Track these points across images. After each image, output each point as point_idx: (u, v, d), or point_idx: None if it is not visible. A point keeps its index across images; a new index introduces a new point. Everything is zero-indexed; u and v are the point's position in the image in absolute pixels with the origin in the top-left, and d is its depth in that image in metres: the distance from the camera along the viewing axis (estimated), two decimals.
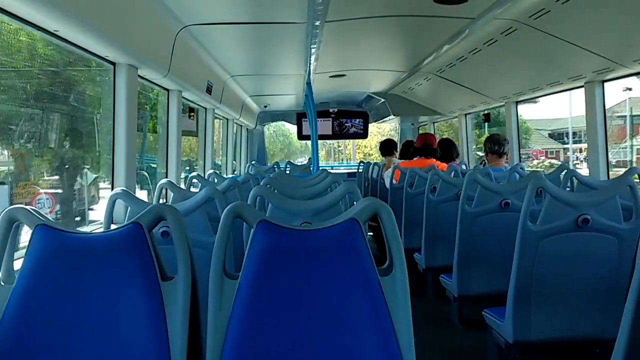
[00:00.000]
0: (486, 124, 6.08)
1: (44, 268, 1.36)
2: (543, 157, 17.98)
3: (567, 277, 2.26)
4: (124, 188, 2.27)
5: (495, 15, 3.04)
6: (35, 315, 1.34)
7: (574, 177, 3.20)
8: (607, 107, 3.59)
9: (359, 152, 21.81)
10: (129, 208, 2.22)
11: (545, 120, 19.47)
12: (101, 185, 3.55)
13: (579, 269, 2.25)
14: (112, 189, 2.68)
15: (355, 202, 2.61)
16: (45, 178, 2.97)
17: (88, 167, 3.43)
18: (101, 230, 2.09)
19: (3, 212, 1.39)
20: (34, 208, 1.40)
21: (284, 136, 24.50)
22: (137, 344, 1.33)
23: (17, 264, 1.43)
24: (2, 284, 1.38)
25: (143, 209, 1.96)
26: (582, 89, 3.68)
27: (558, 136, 19.18)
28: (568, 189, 3.10)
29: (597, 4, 2.65)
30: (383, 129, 16.50)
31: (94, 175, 3.44)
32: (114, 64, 2.66)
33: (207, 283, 1.42)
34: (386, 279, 1.38)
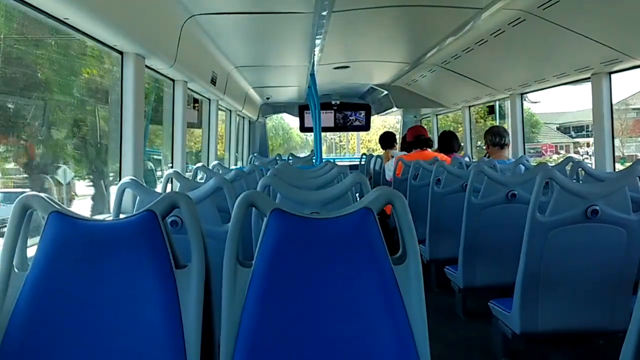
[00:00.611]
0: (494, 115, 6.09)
1: (58, 255, 1.36)
2: (563, 152, 17.46)
3: (575, 268, 2.26)
4: (133, 177, 2.27)
5: (503, 5, 3.02)
6: (49, 302, 1.34)
7: (579, 169, 3.21)
8: (621, 98, 3.58)
9: (363, 147, 21.65)
10: (138, 197, 2.22)
11: (552, 114, 18.99)
12: (81, 183, 3.33)
13: (587, 260, 2.25)
14: (120, 178, 2.69)
15: (359, 193, 2.61)
16: (11, 176, 2.74)
17: (65, 163, 3.17)
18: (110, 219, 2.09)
19: (17, 199, 1.39)
20: (48, 195, 1.40)
21: (284, 130, 24.36)
22: (151, 330, 1.33)
23: (30, 251, 1.43)
24: (16, 271, 1.38)
25: (152, 198, 1.97)
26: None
27: (565, 130, 18.67)
28: (574, 180, 3.10)
29: None
30: (389, 122, 16.38)
31: (72, 173, 3.19)
32: (121, 53, 2.66)
33: (219, 272, 1.42)
34: (399, 268, 1.38)
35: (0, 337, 1.32)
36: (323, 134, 9.18)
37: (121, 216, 2.16)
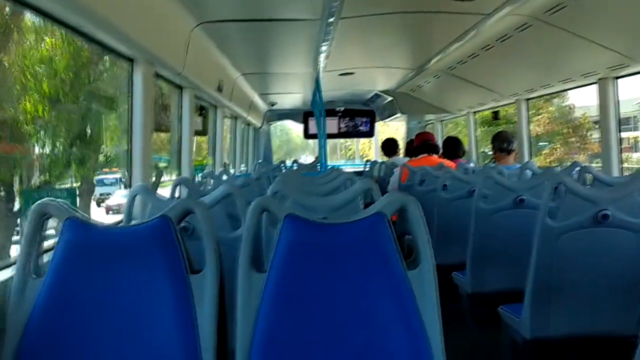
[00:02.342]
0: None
1: (74, 261, 1.37)
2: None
3: (586, 273, 2.26)
4: (143, 184, 2.28)
5: (510, 11, 3.03)
6: (65, 308, 1.35)
7: (586, 175, 3.21)
8: None
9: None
10: (150, 204, 2.22)
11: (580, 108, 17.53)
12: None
13: (598, 265, 2.25)
14: (130, 185, 2.70)
15: (363, 199, 2.61)
16: None
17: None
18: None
19: (33, 206, 1.40)
20: (63, 201, 1.41)
21: (282, 131, 24.03)
22: (166, 336, 1.34)
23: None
24: (33, 277, 1.38)
25: (162, 204, 1.98)
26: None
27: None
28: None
29: None
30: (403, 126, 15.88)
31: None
32: (131, 60, 2.67)
33: (230, 278, 1.42)
34: (413, 272, 1.39)
35: (17, 343, 1.33)
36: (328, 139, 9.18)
37: (132, 222, 2.17)
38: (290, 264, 1.37)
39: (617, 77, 3.53)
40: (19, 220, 2.71)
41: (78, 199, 2.70)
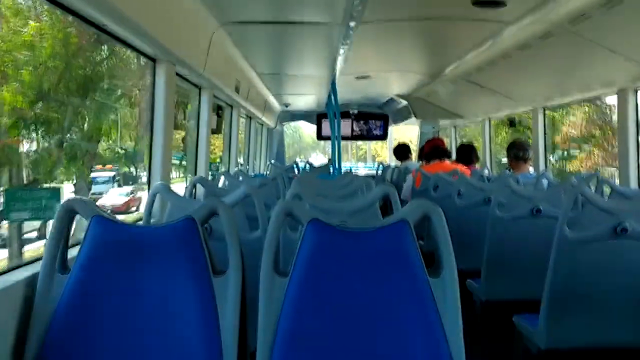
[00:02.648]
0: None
1: (99, 258, 1.38)
2: None
3: (604, 285, 2.24)
4: (164, 183, 2.30)
5: (533, 20, 3.02)
6: (90, 304, 1.37)
7: (604, 186, 3.18)
8: None
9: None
10: (169, 203, 2.24)
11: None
12: None
13: (616, 277, 2.23)
14: (149, 184, 2.72)
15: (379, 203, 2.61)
16: None
17: None
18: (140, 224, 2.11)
19: (61, 203, 1.42)
20: (90, 199, 1.43)
21: (293, 130, 23.78)
22: (189, 336, 1.35)
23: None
24: (59, 273, 1.40)
25: (182, 204, 1.99)
26: None
27: None
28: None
29: None
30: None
31: None
32: (154, 60, 2.69)
33: (251, 279, 1.43)
34: (436, 280, 1.40)
35: (42, 338, 1.34)
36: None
37: (152, 221, 2.19)
38: (313, 268, 1.38)
39: (637, 89, 3.50)
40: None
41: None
